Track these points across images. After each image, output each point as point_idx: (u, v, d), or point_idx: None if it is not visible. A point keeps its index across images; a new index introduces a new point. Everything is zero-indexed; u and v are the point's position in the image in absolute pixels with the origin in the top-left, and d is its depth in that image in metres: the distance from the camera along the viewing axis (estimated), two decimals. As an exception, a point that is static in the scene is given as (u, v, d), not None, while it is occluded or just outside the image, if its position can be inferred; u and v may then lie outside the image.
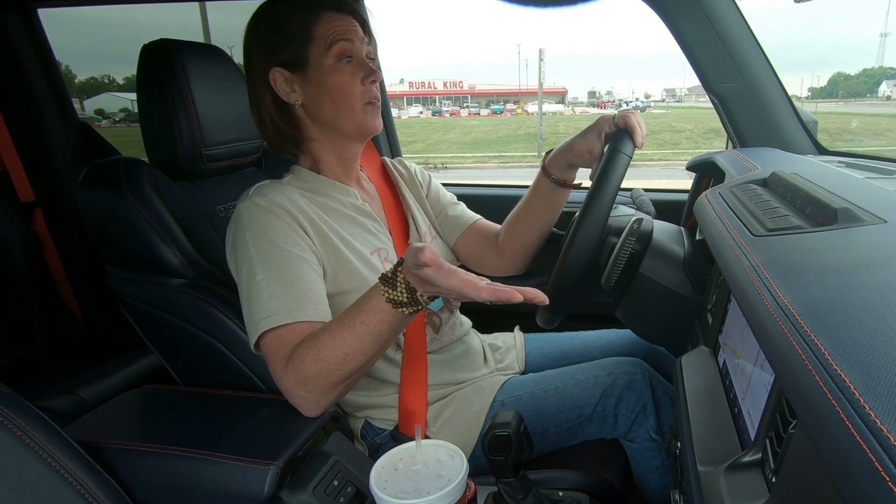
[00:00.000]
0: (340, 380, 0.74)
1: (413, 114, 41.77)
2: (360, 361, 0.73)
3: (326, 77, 0.86)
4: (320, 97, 0.87)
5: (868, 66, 59.54)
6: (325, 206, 0.90)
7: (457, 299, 0.69)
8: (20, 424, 0.60)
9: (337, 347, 0.72)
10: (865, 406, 0.27)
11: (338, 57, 0.86)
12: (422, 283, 0.67)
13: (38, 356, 1.56)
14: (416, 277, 0.66)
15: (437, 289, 0.66)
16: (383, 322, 0.71)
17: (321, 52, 0.85)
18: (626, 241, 0.92)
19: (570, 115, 34.92)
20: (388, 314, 0.70)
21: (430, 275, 0.64)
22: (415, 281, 0.67)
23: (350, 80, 0.87)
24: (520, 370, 1.11)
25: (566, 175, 1.02)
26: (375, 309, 0.71)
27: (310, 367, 0.72)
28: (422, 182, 1.12)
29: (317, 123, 0.91)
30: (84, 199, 1.01)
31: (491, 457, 0.63)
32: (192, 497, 0.70)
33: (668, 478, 0.96)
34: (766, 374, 0.49)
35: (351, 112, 0.88)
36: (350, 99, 0.87)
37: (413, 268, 0.65)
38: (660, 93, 66.42)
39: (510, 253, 1.10)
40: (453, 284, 0.64)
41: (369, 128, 0.90)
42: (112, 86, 23.40)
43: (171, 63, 1.00)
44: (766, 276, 0.45)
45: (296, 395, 0.75)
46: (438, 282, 0.64)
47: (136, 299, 0.98)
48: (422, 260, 0.63)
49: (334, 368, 0.72)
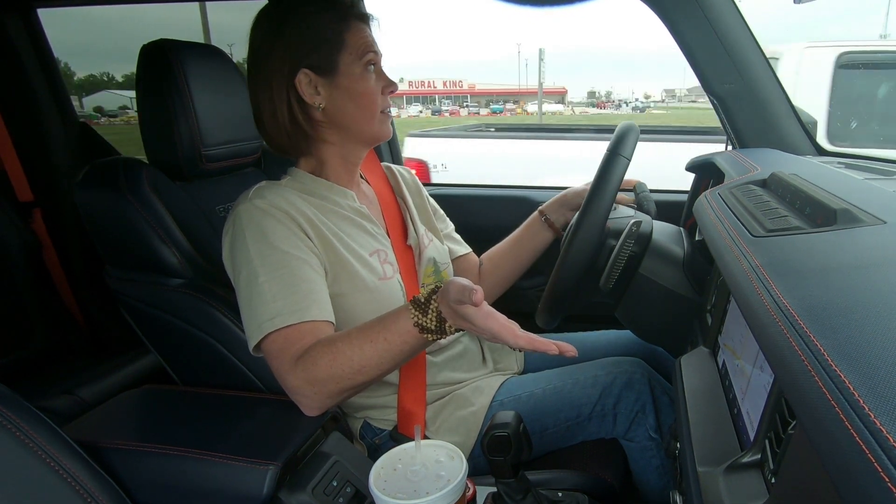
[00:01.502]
0: (349, 388, 0.76)
1: (412, 113, 41.76)
2: (374, 374, 0.75)
3: (355, 84, 0.88)
4: (345, 102, 0.89)
5: (867, 67, 59.54)
6: (323, 207, 0.90)
7: (489, 340, 0.72)
8: (19, 424, 0.60)
9: (354, 358, 0.73)
10: (865, 407, 0.27)
11: (366, 66, 0.89)
12: (456, 318, 0.70)
13: (38, 356, 1.56)
14: (453, 311, 0.69)
15: (472, 327, 0.69)
16: (406, 343, 0.74)
17: (353, 59, 0.88)
18: (625, 244, 0.92)
19: (570, 114, 34.93)
20: (412, 337, 0.73)
21: (470, 313, 0.67)
22: (449, 314, 0.70)
23: (375, 89, 0.90)
24: (518, 370, 1.11)
25: (557, 216, 1.15)
26: (402, 330, 0.73)
27: (323, 371, 0.74)
28: (427, 196, 1.14)
29: (333, 126, 0.91)
30: (83, 198, 1.01)
31: (490, 457, 0.63)
32: (192, 497, 0.70)
33: (668, 478, 0.96)
34: (766, 375, 0.49)
35: (371, 119, 0.91)
36: (374, 106, 0.90)
37: (455, 303, 0.67)
38: (659, 93, 66.41)
39: (489, 283, 1.18)
40: (491, 327, 0.67)
41: (384, 135, 0.94)
42: (111, 83, 23.31)
43: (171, 63, 1.00)
44: (765, 276, 0.45)
45: (301, 394, 0.76)
46: (476, 321, 0.67)
47: (135, 299, 0.98)
48: (473, 299, 0.65)
49: (346, 377, 0.74)
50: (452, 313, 0.69)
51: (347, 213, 0.93)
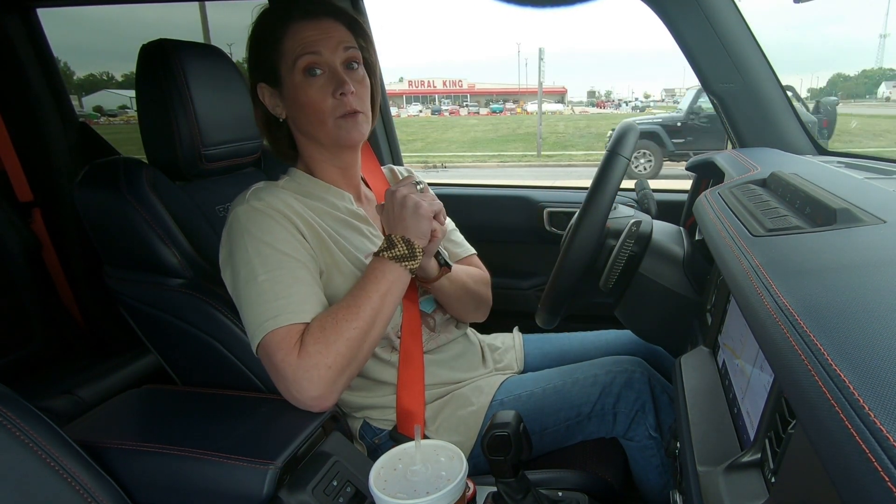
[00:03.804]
0: (357, 352, 0.78)
1: (412, 112, 41.72)
2: (379, 327, 0.80)
3: (296, 93, 0.85)
4: (296, 112, 0.88)
5: (867, 68, 59.74)
6: (319, 209, 0.90)
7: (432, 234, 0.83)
8: (19, 424, 0.60)
9: (360, 315, 0.78)
10: (865, 406, 0.27)
11: (304, 72, 0.84)
12: (415, 234, 0.81)
13: (37, 356, 1.56)
14: (411, 227, 0.80)
15: (422, 218, 0.81)
16: (392, 283, 0.80)
17: (288, 68, 0.84)
18: (625, 244, 0.92)
19: (570, 114, 34.91)
20: (393, 271, 0.80)
21: (410, 208, 0.80)
22: (412, 232, 0.80)
23: (319, 95, 0.84)
24: (518, 370, 1.11)
25: None
26: (383, 269, 0.80)
27: (332, 334, 0.76)
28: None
29: (303, 135, 0.92)
30: (82, 199, 1.01)
31: (490, 457, 0.63)
32: (191, 497, 0.70)
33: (668, 477, 0.96)
34: (766, 375, 0.49)
35: (324, 126, 0.86)
36: (321, 114, 0.85)
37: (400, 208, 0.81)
38: (659, 93, 66.39)
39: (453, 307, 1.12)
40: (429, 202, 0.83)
41: (344, 141, 0.88)
42: (111, 83, 23.34)
43: (170, 63, 1.00)
44: (765, 276, 0.45)
45: (313, 376, 0.74)
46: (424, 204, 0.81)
47: (134, 299, 0.98)
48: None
49: (356, 336, 0.77)
50: (408, 229, 0.80)
51: (343, 214, 0.93)
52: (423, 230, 0.82)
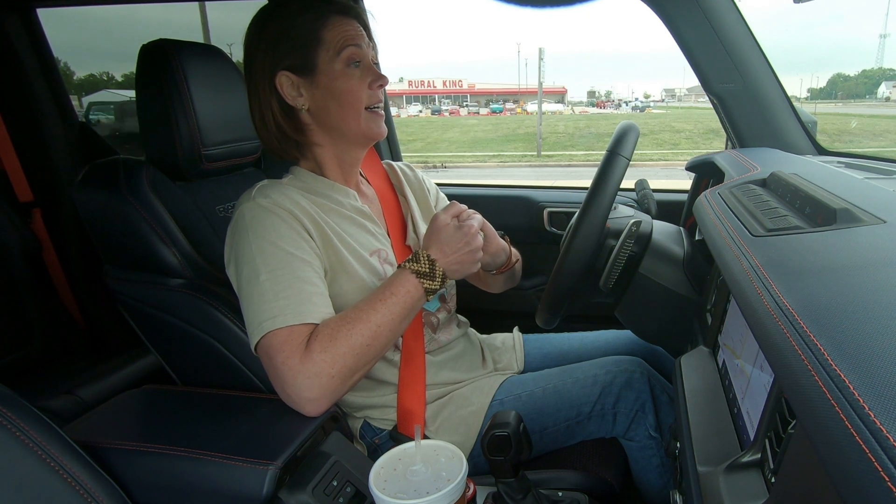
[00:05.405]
0: (363, 363, 0.78)
1: (412, 112, 41.73)
2: (386, 338, 0.80)
3: (335, 82, 0.86)
4: (328, 101, 0.87)
5: (867, 68, 59.65)
6: (324, 206, 0.90)
7: (474, 257, 0.85)
8: (19, 425, 0.60)
9: (371, 320, 0.78)
10: (865, 406, 0.27)
11: (347, 62, 0.86)
12: (443, 256, 0.82)
13: (37, 356, 1.56)
14: (439, 248, 0.82)
15: (460, 247, 0.83)
16: (409, 294, 0.80)
17: (331, 56, 0.86)
18: (625, 244, 0.92)
19: (570, 114, 34.92)
20: (412, 285, 0.81)
21: (450, 231, 0.83)
22: (437, 254, 0.82)
23: (358, 85, 0.87)
24: (518, 370, 1.11)
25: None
26: (402, 280, 0.81)
27: (342, 342, 0.75)
28: (429, 189, 1.13)
29: (322, 128, 0.91)
30: (82, 199, 1.01)
31: (490, 457, 0.63)
32: (191, 497, 0.70)
33: (668, 477, 0.96)
34: (766, 375, 0.49)
35: (357, 116, 0.89)
36: (357, 104, 0.88)
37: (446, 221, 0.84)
38: (659, 93, 66.40)
39: (489, 283, 1.12)
40: (467, 232, 0.84)
41: (374, 133, 0.91)
42: (111, 83, 23.36)
43: (170, 63, 1.00)
44: (765, 276, 0.45)
45: (314, 384, 0.74)
46: (457, 234, 0.83)
47: (134, 299, 0.98)
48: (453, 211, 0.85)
49: (362, 345, 0.77)
50: (440, 253, 0.82)
51: (349, 212, 0.93)
52: (466, 271, 0.85)
